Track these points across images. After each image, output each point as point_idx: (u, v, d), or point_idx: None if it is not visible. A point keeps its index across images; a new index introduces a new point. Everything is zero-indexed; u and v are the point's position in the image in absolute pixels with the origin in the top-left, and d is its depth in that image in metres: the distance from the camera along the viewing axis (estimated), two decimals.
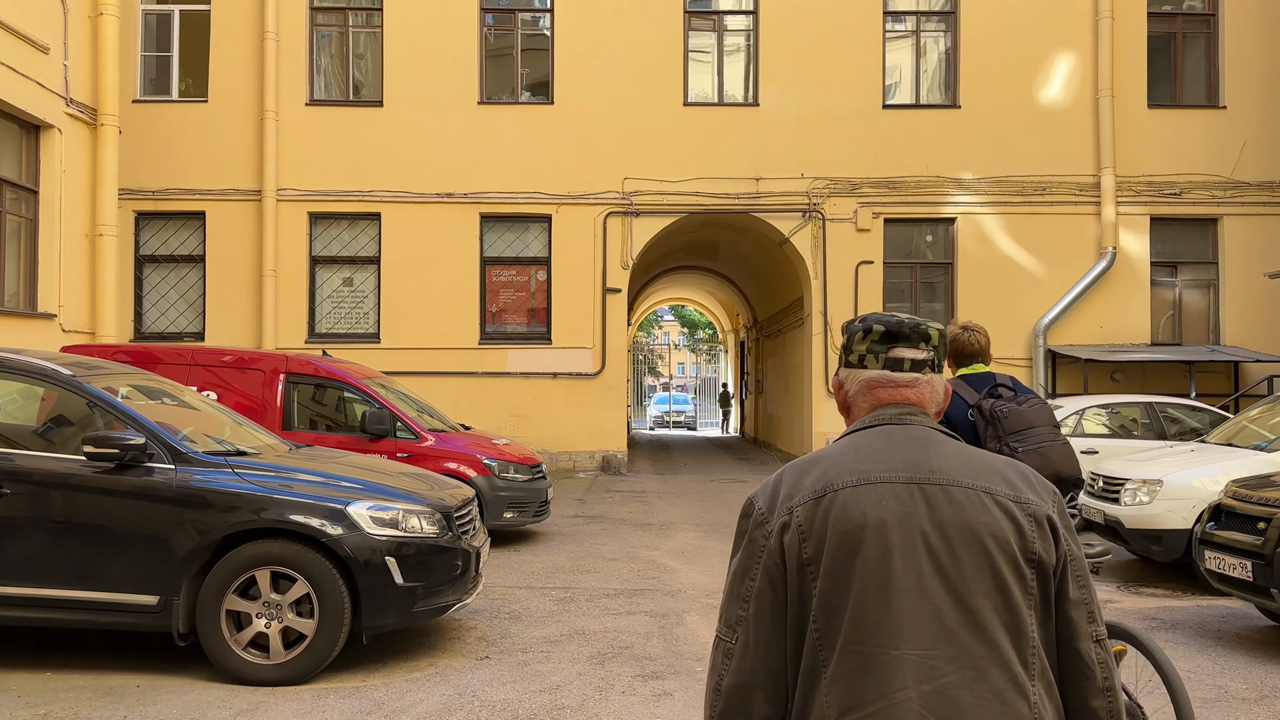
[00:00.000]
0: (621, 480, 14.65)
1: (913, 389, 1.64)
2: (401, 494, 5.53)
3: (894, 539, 1.45)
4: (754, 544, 1.54)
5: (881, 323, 1.68)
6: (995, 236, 15.47)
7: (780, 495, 1.55)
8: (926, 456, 1.54)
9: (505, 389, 15.42)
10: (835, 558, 1.46)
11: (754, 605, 1.51)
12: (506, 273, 15.79)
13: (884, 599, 1.43)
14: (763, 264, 19.30)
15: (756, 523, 1.55)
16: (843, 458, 1.56)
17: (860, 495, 1.49)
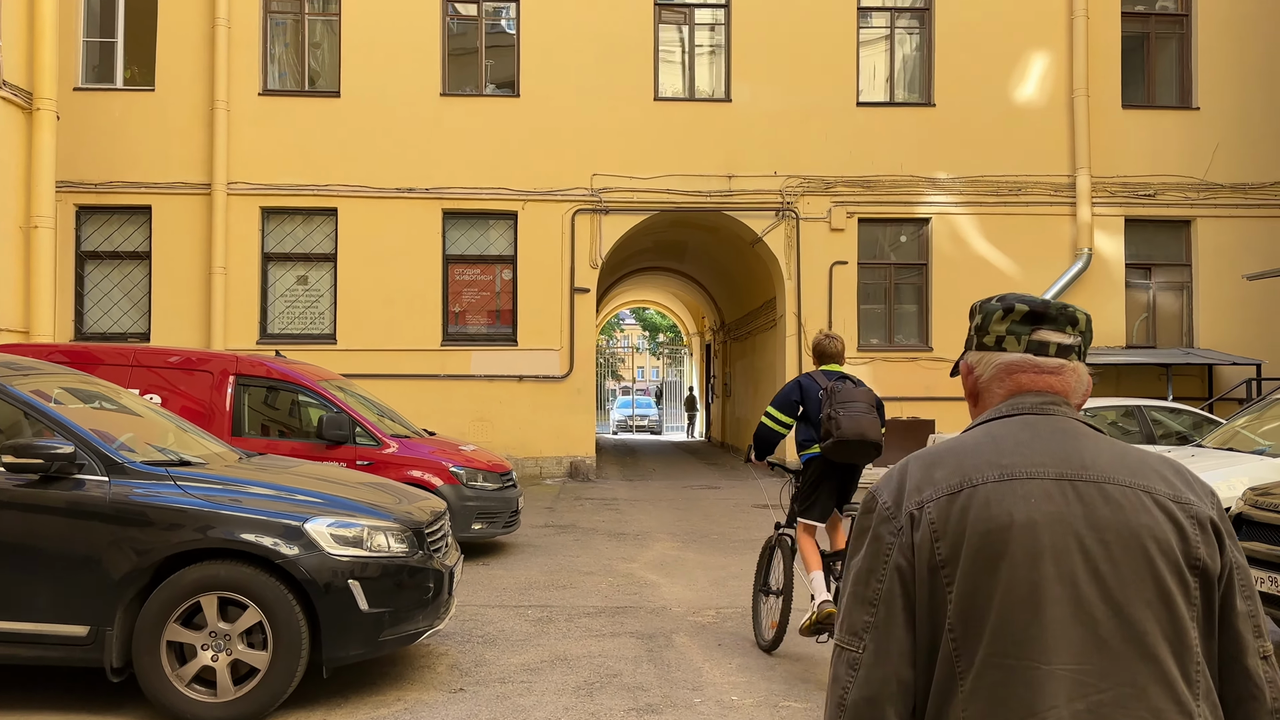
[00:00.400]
0: (591, 487, 14.13)
1: (1058, 376, 1.51)
2: (365, 508, 4.98)
3: (1044, 541, 1.34)
4: (879, 542, 1.42)
5: (1025, 302, 1.53)
6: (970, 237, 15.21)
7: (907, 488, 1.43)
8: (1077, 450, 1.42)
9: (469, 392, 14.83)
10: (975, 561, 1.35)
11: (883, 610, 1.40)
12: (470, 271, 15.21)
13: (1033, 608, 1.32)
14: (733, 265, 18.90)
15: (881, 518, 1.44)
16: (979, 449, 1.43)
17: (1004, 492, 1.38)
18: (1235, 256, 15.13)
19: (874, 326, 15.49)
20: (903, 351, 15.19)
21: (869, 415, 5.25)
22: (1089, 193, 14.88)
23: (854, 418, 5.19)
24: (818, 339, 5.78)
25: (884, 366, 15.08)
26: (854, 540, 1.48)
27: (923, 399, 15.06)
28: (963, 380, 1.61)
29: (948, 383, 15.17)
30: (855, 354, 15.08)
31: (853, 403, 5.24)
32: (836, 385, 5.34)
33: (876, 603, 1.40)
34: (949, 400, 15.04)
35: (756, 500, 12.77)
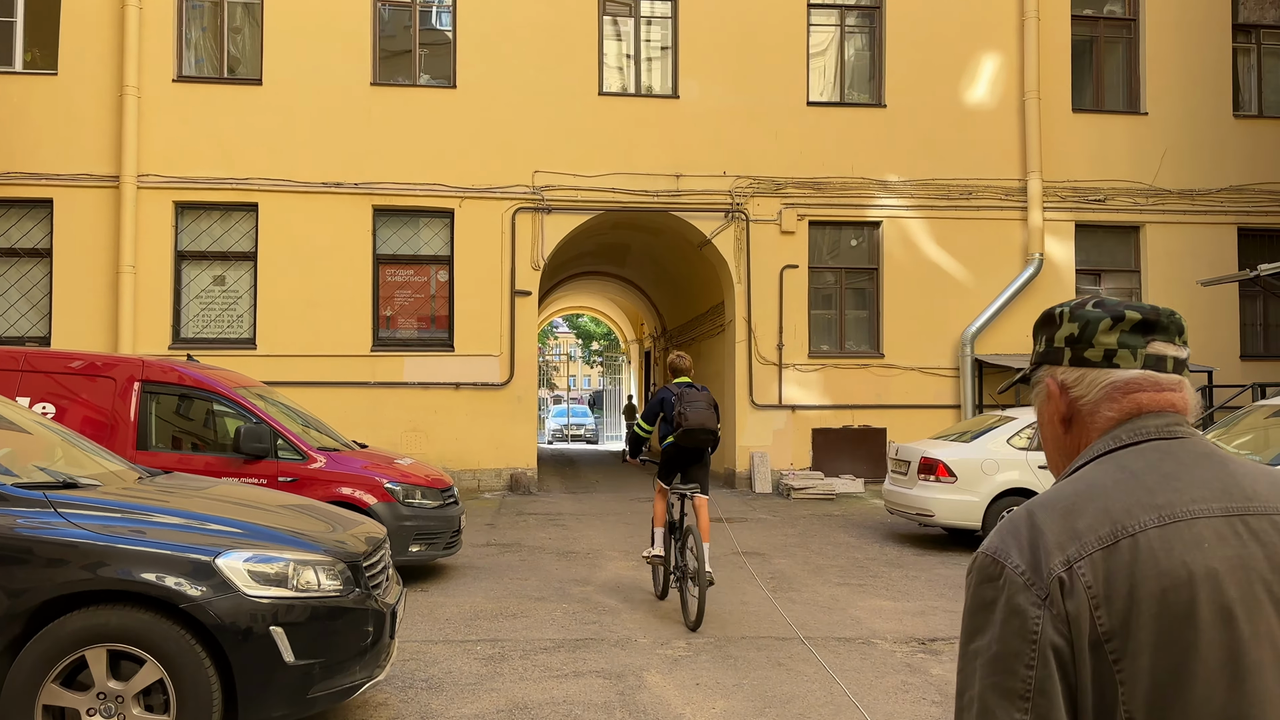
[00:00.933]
0: (533, 501, 13.37)
1: (1178, 393, 1.31)
2: (291, 538, 4.20)
3: (1231, 595, 1.12)
4: (1020, 616, 1.14)
5: (1134, 309, 1.32)
6: (921, 241, 14.88)
7: (1044, 545, 1.16)
8: (1234, 478, 1.22)
9: (401, 401, 13.95)
10: (1154, 629, 1.11)
11: (1040, 703, 1.11)
12: (403, 273, 14.33)
13: (1232, 680, 1.10)
14: (678, 268, 18.33)
15: (1016, 586, 1.15)
16: (1122, 488, 1.20)
17: (1171, 538, 1.15)
18: (1183, 262, 15.07)
19: (825, 332, 15.05)
20: (854, 358, 14.77)
21: (708, 410, 6.91)
22: (1040, 197, 14.67)
23: (697, 412, 6.82)
24: (671, 359, 7.46)
25: (835, 373, 14.64)
26: (974, 616, 1.19)
27: (874, 407, 14.65)
28: (1047, 402, 1.36)
29: (899, 390, 14.82)
30: (806, 360, 14.62)
31: (695, 402, 6.88)
32: (685, 391, 7.00)
33: (1029, 695, 1.12)
34: (901, 408, 14.66)
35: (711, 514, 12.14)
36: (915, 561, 9.21)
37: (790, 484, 13.69)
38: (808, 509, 12.74)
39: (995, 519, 9.46)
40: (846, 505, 13.12)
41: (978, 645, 1.17)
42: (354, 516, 5.09)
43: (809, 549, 9.79)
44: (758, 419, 14.50)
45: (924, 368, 14.76)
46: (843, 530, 11.00)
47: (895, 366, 14.71)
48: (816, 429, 14.61)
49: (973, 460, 9.59)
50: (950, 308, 14.77)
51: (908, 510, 9.97)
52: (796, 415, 14.57)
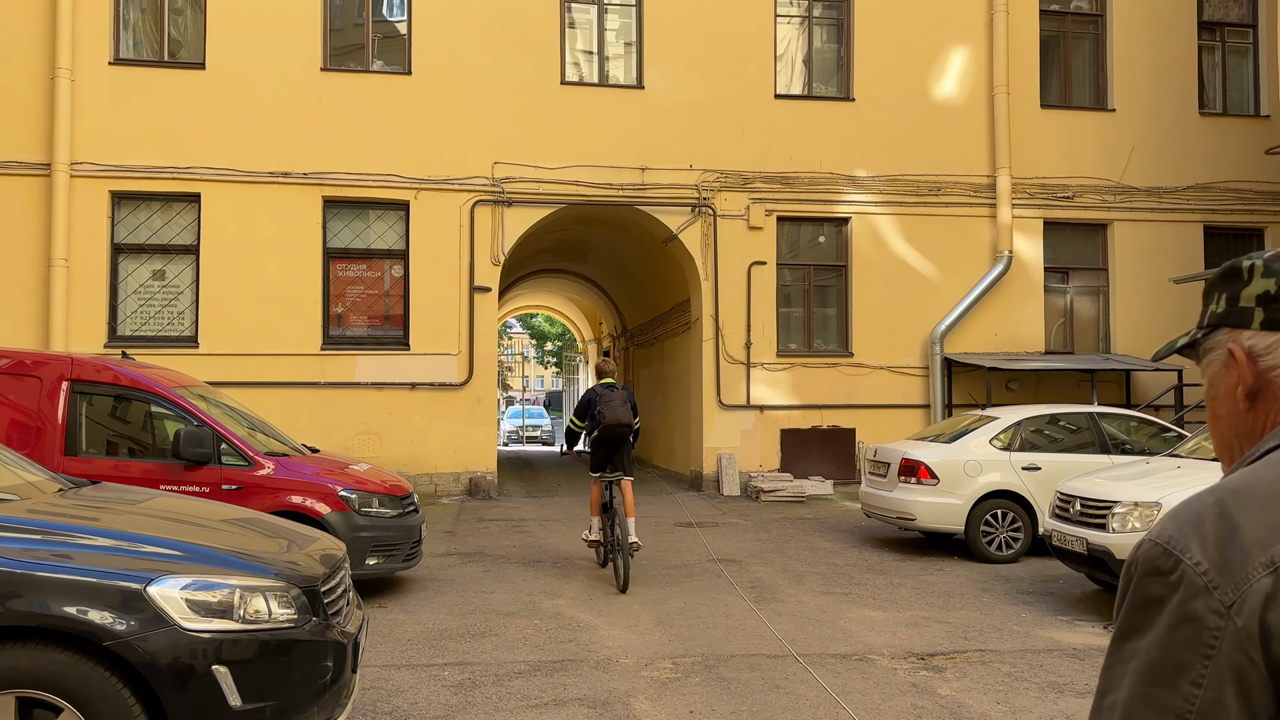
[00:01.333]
0: (493, 506, 12.80)
1: None
2: (237, 560, 3.65)
3: None
4: (1193, 625, 0.94)
5: None
6: (890, 238, 14.59)
7: (1238, 542, 0.95)
8: None
9: (354, 402, 13.30)
10: None
11: None
12: (355, 267, 13.68)
13: None
14: (640, 266, 17.87)
15: (1196, 588, 0.95)
16: None
17: None
18: (1151, 260, 14.99)
19: (793, 330, 14.70)
20: (823, 357, 14.44)
21: (623, 408, 8.09)
22: (1009, 194, 14.47)
23: (614, 410, 8.04)
24: (597, 363, 8.80)
25: (804, 372, 14.29)
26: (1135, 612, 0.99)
27: (843, 406, 14.33)
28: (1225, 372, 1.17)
29: (868, 389, 14.52)
30: (774, 359, 14.25)
31: (612, 402, 8.08)
32: (605, 392, 8.21)
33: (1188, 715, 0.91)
34: (871, 408, 14.36)
35: (679, 518, 11.72)
36: (898, 567, 8.85)
37: (759, 486, 13.31)
38: (779, 512, 12.36)
39: (979, 522, 9.16)
40: (818, 508, 12.77)
41: (1134, 645, 0.99)
42: (308, 532, 4.54)
43: (786, 555, 9.39)
44: (725, 420, 14.09)
45: (893, 367, 14.47)
46: (818, 534, 10.62)
47: (864, 365, 14.41)
48: (785, 429, 14.25)
49: (955, 462, 9.27)
50: (919, 306, 14.51)
51: (887, 513, 9.61)
52: (765, 415, 14.20)
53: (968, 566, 8.94)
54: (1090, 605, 7.42)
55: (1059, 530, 7.36)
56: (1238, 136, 15.27)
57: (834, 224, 14.71)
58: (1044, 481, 9.16)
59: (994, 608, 7.28)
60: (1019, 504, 9.17)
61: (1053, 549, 7.53)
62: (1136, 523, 6.70)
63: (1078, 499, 7.27)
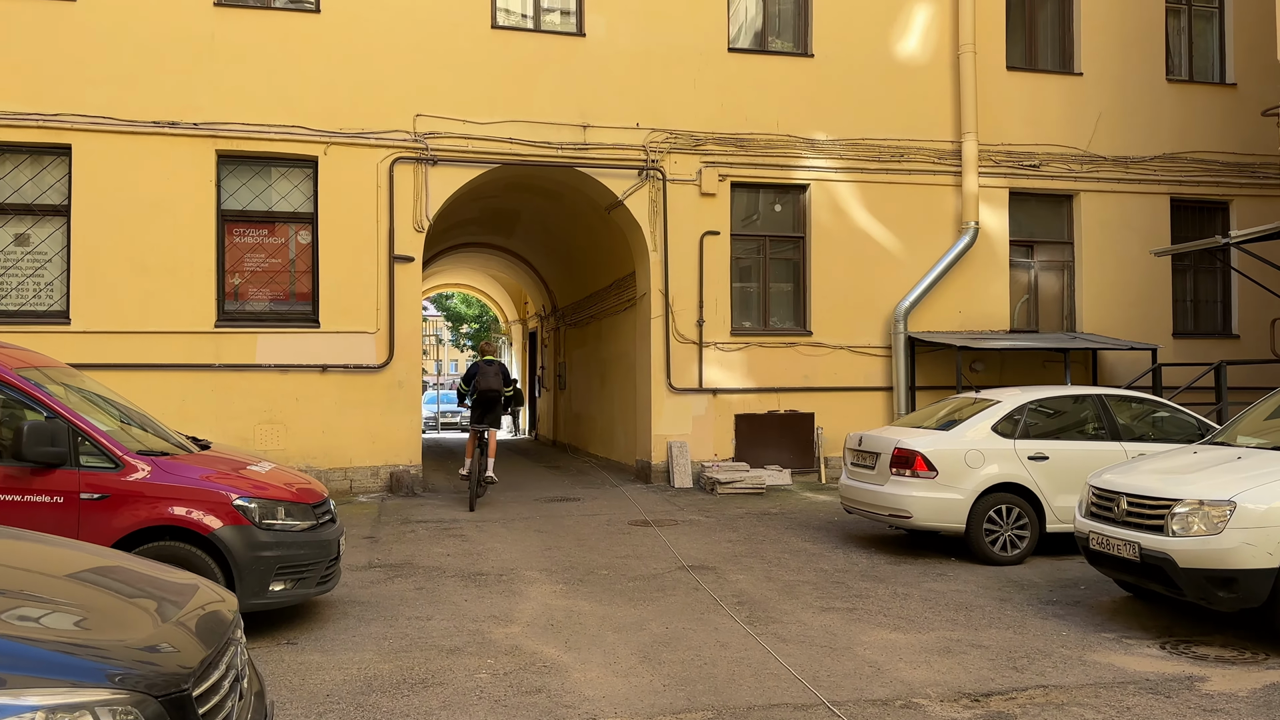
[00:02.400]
0: (420, 504, 11.30)
1: None
2: (58, 658, 2.20)
3: None
4: None
5: None
6: (850, 208, 13.50)
7: None
8: None
9: (255, 387, 11.62)
10: None
11: None
12: (255, 233, 11.96)
13: None
14: (577, 238, 16.46)
15: None
16: None
17: None
18: (1117, 233, 14.25)
19: (748, 307, 13.51)
20: (779, 336, 13.29)
21: (495, 378, 11.31)
22: (975, 161, 13.52)
23: (486, 380, 11.27)
24: (481, 345, 12.32)
25: (759, 353, 13.13)
26: None
27: (801, 389, 13.23)
28: None
29: (828, 372, 13.42)
30: (729, 339, 13.04)
31: (486, 374, 11.31)
32: (485, 366, 11.42)
33: None
34: (832, 390, 13.29)
35: (632, 515, 10.43)
36: (895, 573, 7.73)
37: (715, 477, 12.10)
38: (740, 506, 11.18)
39: (982, 519, 8.09)
40: (781, 500, 11.63)
41: None
42: (184, 580, 3.08)
43: (766, 560, 8.19)
44: (676, 404, 12.84)
45: (854, 346, 13.42)
46: (793, 533, 9.46)
47: (823, 345, 13.31)
48: (740, 414, 13.07)
49: (955, 451, 8.18)
50: (881, 281, 13.48)
51: (876, 510, 8.48)
52: (718, 400, 12.99)
53: (971, 570, 7.88)
54: (1129, 617, 6.39)
55: (1100, 533, 6.28)
56: (1204, 104, 14.63)
57: (792, 191, 13.55)
58: (1052, 473, 8.15)
59: (1026, 624, 6.19)
60: (1025, 498, 8.15)
61: (1088, 553, 6.46)
62: (1202, 525, 5.65)
63: (1123, 496, 6.20)
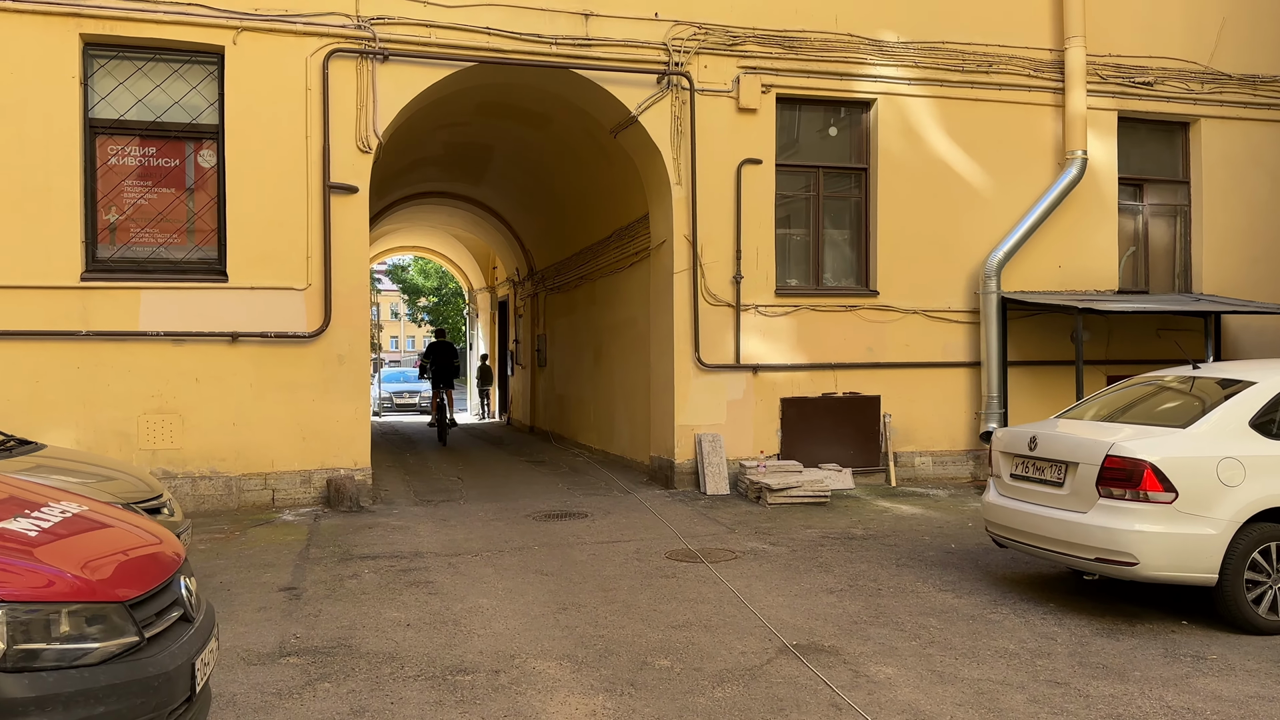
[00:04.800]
0: (368, 525, 8.18)
1: None
2: None
3: None
4: None
5: None
6: (926, 131, 10.55)
7: None
8: None
9: (138, 364, 8.44)
10: None
11: None
12: (139, 151, 8.71)
13: None
14: (566, 179, 13.31)
15: None
16: None
17: None
18: (1243, 171, 11.48)
19: (796, 260, 10.54)
20: (836, 297, 10.34)
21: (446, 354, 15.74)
22: (1083, 73, 10.62)
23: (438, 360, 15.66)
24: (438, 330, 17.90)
25: (810, 319, 10.17)
26: None
27: (864, 365, 10.30)
28: None
29: (898, 342, 10.29)
30: (773, 300, 10.06)
31: (440, 354, 15.69)
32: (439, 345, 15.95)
33: None
34: (901, 367, 10.39)
35: (665, 542, 7.43)
36: (1127, 658, 4.83)
37: (762, 482, 9.13)
38: (805, 522, 8.23)
39: (1243, 565, 5.21)
40: (854, 514, 8.72)
41: None
42: None
43: (903, 629, 5.25)
44: (706, 386, 9.84)
45: (930, 310, 10.51)
46: (909, 573, 6.53)
47: (892, 309, 10.39)
48: (787, 398, 10.11)
49: (1200, 461, 5.27)
50: (965, 226, 10.58)
51: (1066, 550, 5.55)
52: (760, 380, 10.02)
53: (1235, 646, 5.01)
54: None
55: None
56: None
57: (853, 109, 10.56)
58: None
59: None
60: None
61: None
62: None
63: None
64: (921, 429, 10.51)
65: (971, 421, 10.63)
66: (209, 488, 8.60)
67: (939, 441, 10.57)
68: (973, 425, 10.62)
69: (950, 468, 10.58)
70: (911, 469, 10.47)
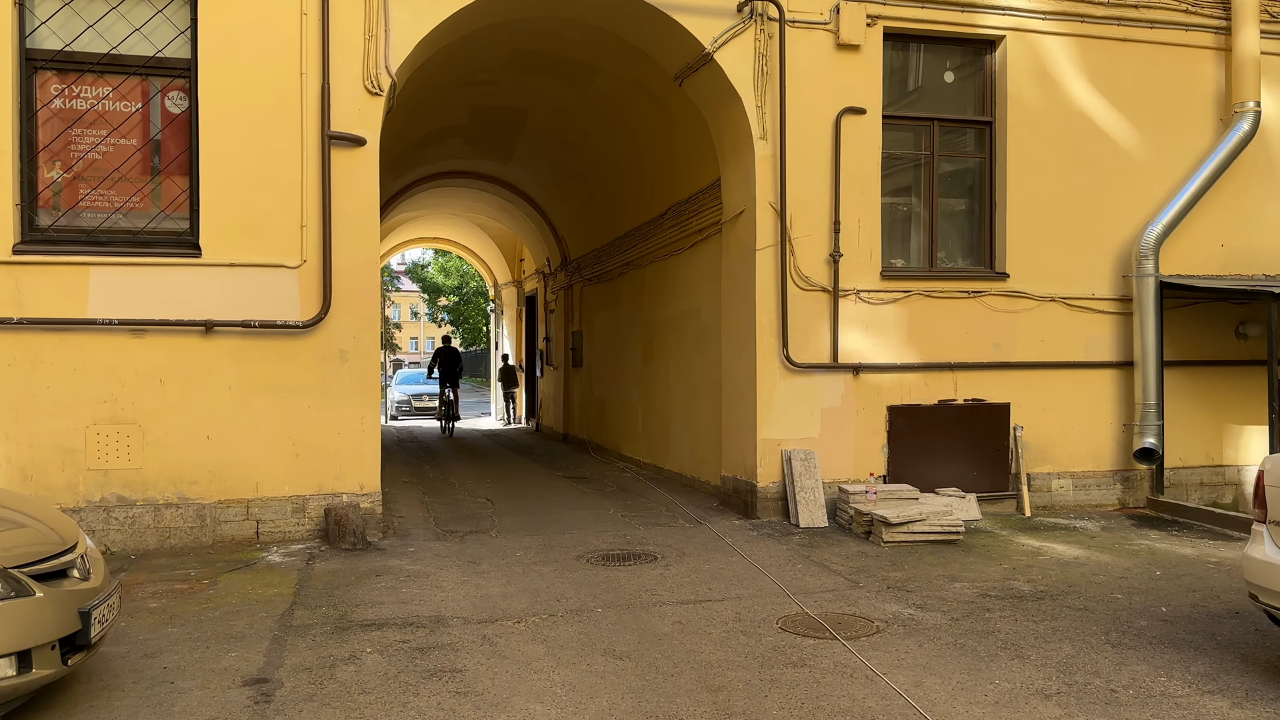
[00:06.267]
0: (374, 573, 6.27)
1: None
2: None
3: None
4: None
5: None
6: (1065, 77, 8.59)
7: None
8: None
9: (87, 360, 6.62)
10: None
11: None
12: (90, 91, 6.89)
13: None
14: (614, 145, 11.42)
15: None
16: None
17: None
18: None
19: (903, 235, 8.61)
20: (954, 280, 8.39)
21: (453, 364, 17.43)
22: (1255, 9, 8.64)
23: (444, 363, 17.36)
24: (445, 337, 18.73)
25: (923, 308, 8.23)
26: None
27: (989, 366, 8.35)
28: None
29: (1030, 337, 7.57)
30: (878, 285, 8.13)
31: (445, 358, 17.41)
32: (445, 350, 17.49)
33: None
34: (1035, 368, 8.42)
35: (768, 603, 5.51)
36: None
37: (876, 513, 7.19)
38: (944, 569, 6.29)
39: None
40: (997, 555, 6.77)
41: None
42: None
43: None
44: (796, 391, 7.92)
45: (1070, 298, 8.55)
46: (1134, 656, 4.58)
47: (1024, 295, 8.43)
48: (895, 406, 8.17)
49: None
50: (1112, 194, 8.63)
51: None
52: (861, 382, 8.09)
53: None
54: None
55: None
56: None
57: (975, 49, 8.62)
58: None
59: None
60: None
61: None
62: None
63: None
64: (1058, 444, 8.54)
65: (1119, 435, 8.65)
66: (176, 518, 6.76)
67: (1080, 460, 8.61)
68: (1121, 440, 8.65)
69: (1094, 493, 8.61)
70: (1047, 494, 8.51)
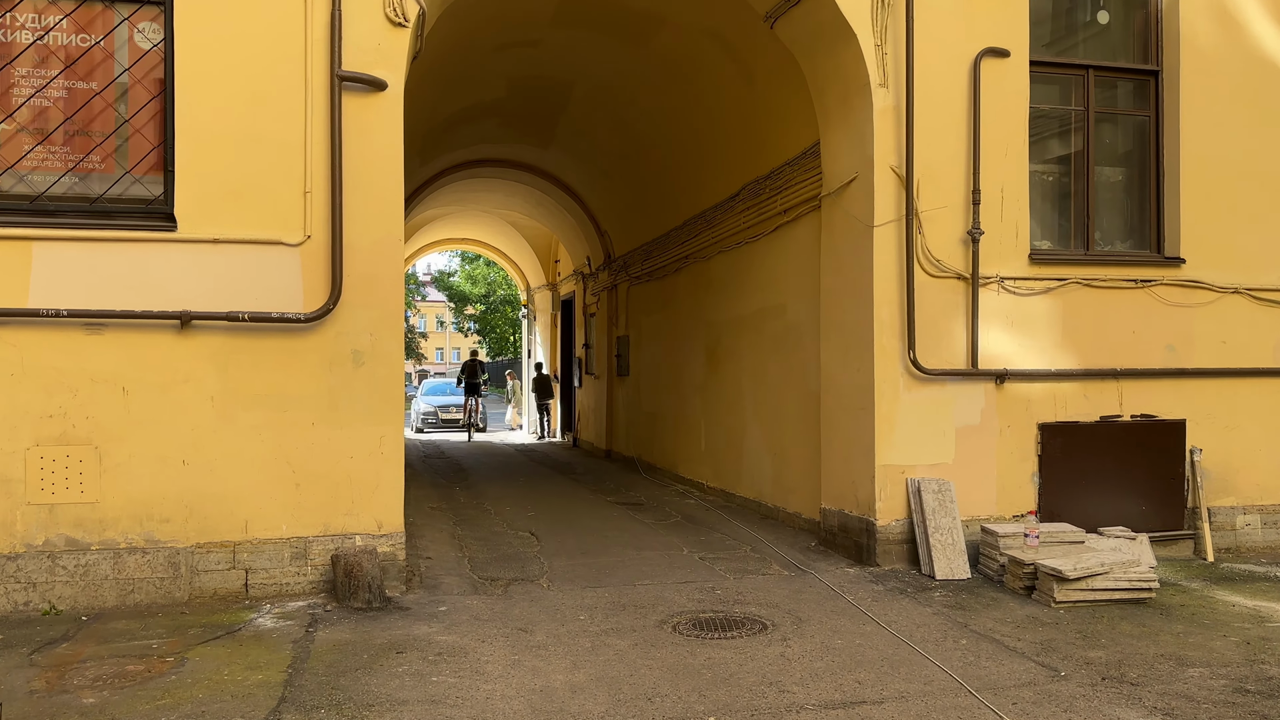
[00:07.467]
0: (395, 650, 4.69)
1: None
2: None
3: None
4: None
5: None
6: (1249, 15, 6.95)
7: None
8: None
9: (31, 362, 5.13)
10: None
11: None
12: (36, 21, 5.42)
13: None
14: (673, 120, 9.86)
15: None
16: None
17: None
18: None
19: (1053, 212, 6.99)
20: (1116, 266, 6.75)
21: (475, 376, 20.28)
22: None
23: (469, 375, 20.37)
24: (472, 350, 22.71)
25: (1078, 299, 6.59)
26: None
27: (1160, 373, 6.70)
28: None
29: (1210, 336, 4.45)
30: (1025, 271, 6.51)
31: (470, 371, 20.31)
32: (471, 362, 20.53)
33: None
34: (1216, 375, 6.75)
35: (957, 706, 3.87)
36: None
37: (1045, 565, 5.54)
38: (1156, 644, 4.65)
39: None
40: (1208, 621, 5.11)
41: None
42: None
43: None
44: (923, 404, 6.29)
45: (1258, 289, 6.89)
46: None
47: (1202, 285, 6.78)
48: (1047, 424, 6.52)
49: None
50: None
51: None
52: (1005, 393, 6.45)
53: None
54: None
55: None
56: None
57: None
58: None
59: None
60: None
61: None
62: None
63: None
64: (1243, 472, 6.88)
65: None
66: (141, 566, 5.24)
67: (1270, 491, 6.94)
68: None
69: None
70: (1230, 533, 6.84)
